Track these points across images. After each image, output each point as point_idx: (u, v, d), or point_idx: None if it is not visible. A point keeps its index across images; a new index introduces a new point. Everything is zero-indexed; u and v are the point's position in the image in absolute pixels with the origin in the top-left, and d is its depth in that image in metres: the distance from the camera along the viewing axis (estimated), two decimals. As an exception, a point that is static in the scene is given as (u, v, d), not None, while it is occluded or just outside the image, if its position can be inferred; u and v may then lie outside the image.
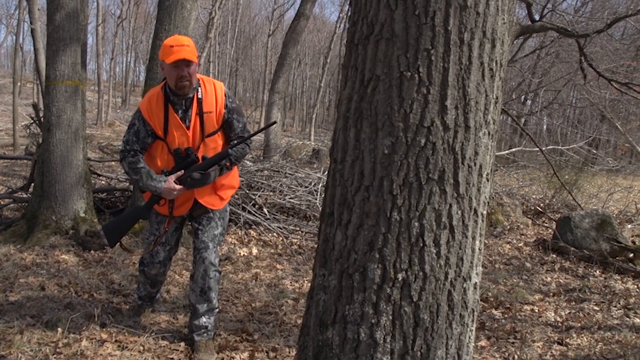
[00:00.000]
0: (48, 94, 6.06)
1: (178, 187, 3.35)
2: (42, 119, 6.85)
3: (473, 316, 1.94)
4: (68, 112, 6.03)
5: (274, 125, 3.03)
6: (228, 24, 40.76)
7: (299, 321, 4.22)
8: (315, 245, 2.06)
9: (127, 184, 8.07)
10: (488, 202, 1.96)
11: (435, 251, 1.80)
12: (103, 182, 9.27)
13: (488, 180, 1.90)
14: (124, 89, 43.03)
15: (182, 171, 3.39)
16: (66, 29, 5.99)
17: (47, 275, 4.89)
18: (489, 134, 1.86)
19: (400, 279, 1.80)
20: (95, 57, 32.03)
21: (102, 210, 6.94)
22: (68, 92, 6.02)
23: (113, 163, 12.43)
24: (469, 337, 1.94)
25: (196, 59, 3.30)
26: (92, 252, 5.66)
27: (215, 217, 3.64)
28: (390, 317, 1.82)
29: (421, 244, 1.79)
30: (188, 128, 3.43)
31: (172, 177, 3.36)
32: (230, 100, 3.54)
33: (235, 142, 3.56)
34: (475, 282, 1.92)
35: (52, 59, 6.00)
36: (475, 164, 1.82)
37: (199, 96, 3.43)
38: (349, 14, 2.01)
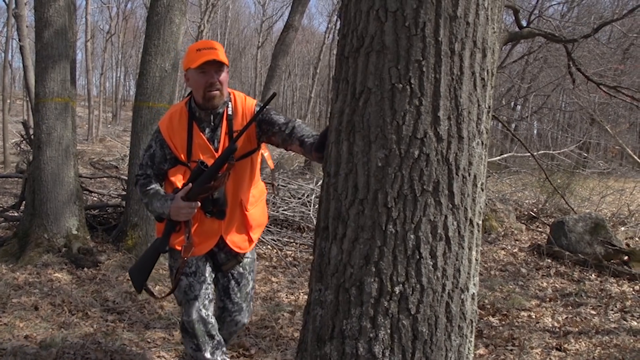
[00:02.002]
0: (38, 112, 6.04)
1: (183, 204, 2.68)
2: (32, 136, 6.82)
3: (472, 327, 1.93)
4: (58, 129, 6.00)
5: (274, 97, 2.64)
6: (217, 36, 40.80)
7: (296, 334, 4.20)
8: (310, 257, 2.04)
9: (119, 199, 8.03)
10: (482, 212, 1.95)
11: (431, 263, 1.79)
12: (95, 198, 9.22)
13: (482, 190, 1.89)
14: (115, 103, 42.93)
15: (190, 185, 2.71)
16: (55, 46, 5.97)
17: (40, 294, 4.84)
18: (482, 143, 1.85)
19: (397, 292, 1.79)
20: (84, 72, 31.97)
21: (95, 227, 6.89)
22: (58, 110, 5.99)
23: (105, 179, 12.38)
24: (468, 348, 1.93)
25: (227, 63, 2.79)
26: (85, 269, 5.61)
27: (246, 272, 3.07)
28: (389, 331, 1.80)
29: (417, 256, 1.78)
30: (216, 150, 2.84)
31: (180, 193, 2.70)
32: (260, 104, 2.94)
33: (293, 134, 2.74)
34: (473, 293, 1.91)
35: (41, 77, 5.98)
36: (469, 174, 1.81)
37: (229, 112, 2.87)
38: (339, 26, 2.01)
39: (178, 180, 2.85)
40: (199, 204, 2.70)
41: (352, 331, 1.83)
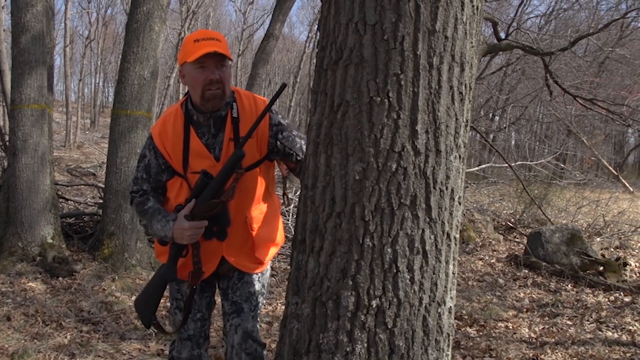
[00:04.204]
0: (13, 118, 5.96)
1: (187, 224, 2.31)
2: (7, 143, 6.72)
3: (449, 341, 1.92)
4: (34, 136, 5.92)
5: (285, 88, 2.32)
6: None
7: (273, 345, 4.16)
8: (288, 267, 2.02)
9: (96, 207, 7.93)
10: (459, 226, 1.96)
11: (409, 277, 1.78)
12: (71, 206, 9.10)
13: (460, 204, 1.90)
14: (93, 110, 42.44)
15: (194, 200, 2.34)
16: (32, 52, 5.90)
17: (13, 304, 4.75)
18: (459, 157, 1.86)
19: (374, 306, 1.78)
20: (63, 78, 31.62)
21: (71, 236, 6.80)
22: (34, 116, 5.92)
23: (82, 186, 12.23)
24: (445, 362, 1.92)
25: (231, 56, 2.40)
26: (60, 278, 5.53)
27: (248, 275, 2.62)
28: (365, 345, 1.79)
29: (395, 270, 1.77)
30: (217, 159, 2.43)
31: (184, 211, 2.33)
32: (280, 115, 2.54)
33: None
34: (450, 307, 1.91)
35: (18, 82, 5.91)
36: (447, 188, 1.82)
37: (234, 115, 2.46)
38: (318, 38, 2.00)
39: (174, 195, 2.50)
40: (207, 222, 2.35)
41: (329, 345, 1.82)
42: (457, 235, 1.92)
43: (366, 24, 1.77)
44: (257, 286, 2.62)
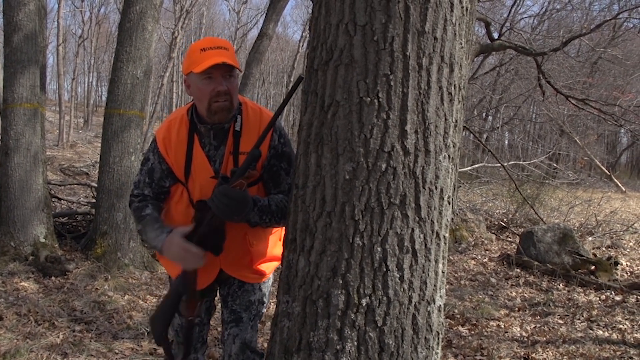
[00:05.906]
0: (6, 117, 5.95)
1: (178, 240, 2.19)
2: (-1, 142, 6.70)
3: (438, 339, 1.94)
4: (27, 135, 5.91)
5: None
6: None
7: (265, 345, 4.18)
8: (280, 267, 2.02)
9: (89, 207, 7.91)
10: (449, 225, 1.97)
11: (398, 275, 1.80)
12: (64, 205, 9.07)
13: (449, 203, 1.91)
14: (86, 109, 42.26)
15: (194, 226, 2.22)
16: (24, 51, 5.89)
17: (5, 304, 4.75)
18: (449, 157, 1.87)
19: (364, 305, 1.79)
20: (56, 77, 31.50)
21: (63, 235, 6.79)
22: (27, 115, 5.91)
23: (75, 186, 12.19)
24: (435, 360, 1.94)
25: (239, 66, 2.28)
26: (53, 278, 5.52)
27: (251, 284, 2.57)
28: (355, 343, 1.80)
29: (384, 269, 1.78)
30: (217, 172, 2.33)
31: (183, 228, 2.23)
32: (282, 140, 2.40)
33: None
34: (440, 305, 1.92)
35: (10, 82, 5.90)
36: (436, 188, 1.83)
37: (237, 128, 2.34)
38: (309, 39, 2.01)
39: (174, 202, 2.43)
40: (201, 253, 2.21)
41: (319, 343, 1.83)
42: (447, 235, 1.94)
43: (356, 25, 1.79)
44: (258, 295, 2.56)
